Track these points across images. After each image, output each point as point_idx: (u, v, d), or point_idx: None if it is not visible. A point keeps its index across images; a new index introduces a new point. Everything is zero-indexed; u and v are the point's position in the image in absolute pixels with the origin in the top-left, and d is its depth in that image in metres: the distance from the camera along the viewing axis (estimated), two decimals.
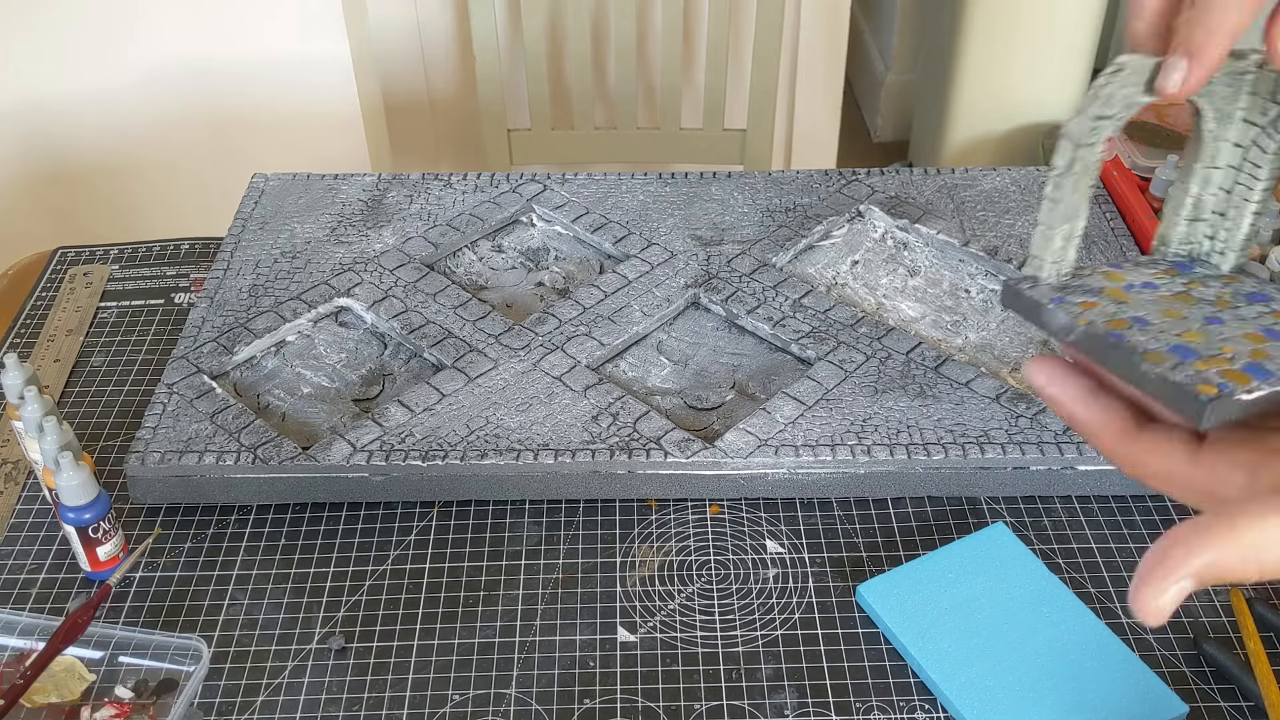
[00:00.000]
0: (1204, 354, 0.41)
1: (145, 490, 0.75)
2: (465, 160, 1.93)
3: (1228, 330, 0.43)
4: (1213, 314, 0.44)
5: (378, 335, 0.86)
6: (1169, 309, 0.44)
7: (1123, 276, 0.46)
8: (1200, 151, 0.46)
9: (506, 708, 0.65)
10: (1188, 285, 0.47)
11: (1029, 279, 0.45)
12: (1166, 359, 0.41)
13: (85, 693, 0.66)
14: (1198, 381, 0.39)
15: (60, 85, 1.53)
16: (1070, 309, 0.44)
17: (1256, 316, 0.45)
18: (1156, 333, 0.42)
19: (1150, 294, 0.45)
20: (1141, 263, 0.47)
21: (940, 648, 0.66)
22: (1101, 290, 0.45)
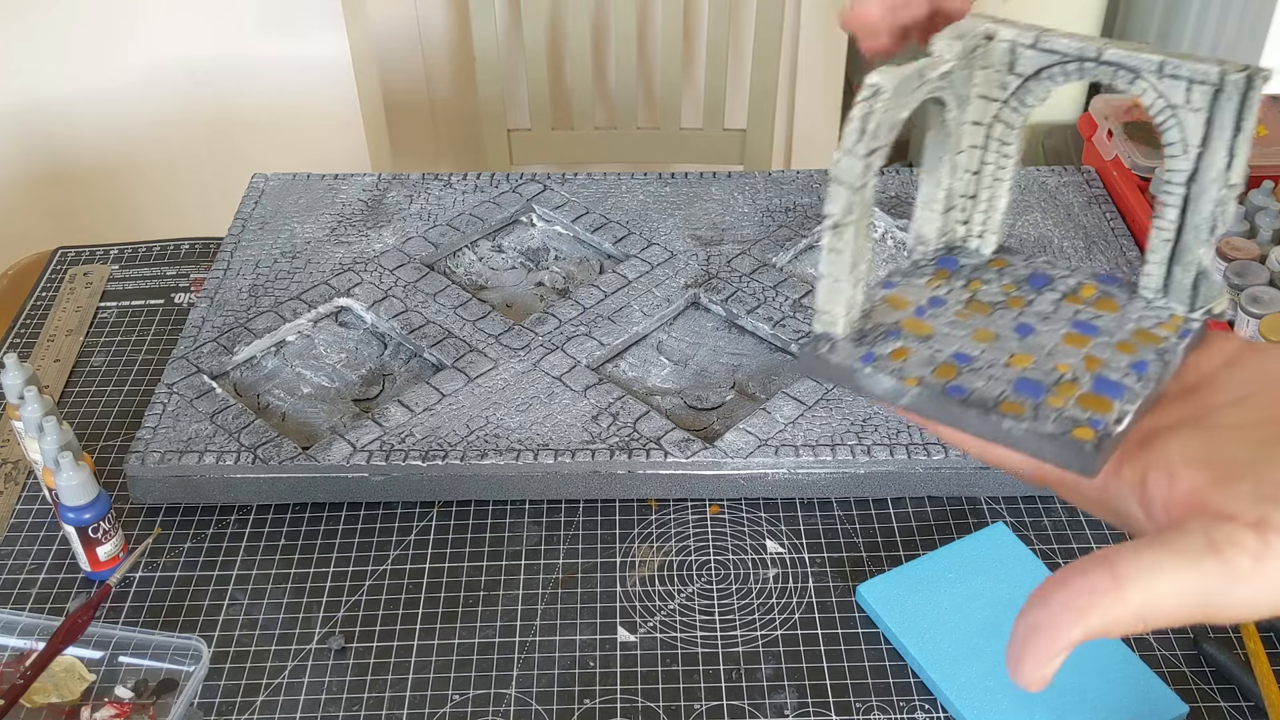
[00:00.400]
0: (1047, 383, 0.40)
1: (145, 490, 0.75)
2: (465, 160, 1.93)
3: (1045, 339, 0.42)
4: (1017, 319, 0.43)
5: (378, 335, 0.86)
6: (976, 329, 0.43)
7: (905, 300, 0.44)
8: (947, 142, 0.44)
9: (506, 708, 0.65)
10: (968, 287, 0.45)
11: (824, 339, 0.42)
12: (1023, 406, 0.39)
13: (85, 693, 0.66)
14: (1069, 427, 0.38)
15: (60, 85, 1.53)
16: (885, 366, 0.41)
17: (1055, 309, 0.43)
18: (986, 369, 0.40)
19: (943, 313, 0.43)
20: (909, 273, 0.45)
21: (940, 648, 0.66)
22: (899, 327, 0.43)
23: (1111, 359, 0.41)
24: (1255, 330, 0.80)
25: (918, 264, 0.46)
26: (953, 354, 0.41)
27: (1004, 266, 0.46)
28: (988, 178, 0.45)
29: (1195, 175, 0.41)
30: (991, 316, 0.43)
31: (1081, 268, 0.46)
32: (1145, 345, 0.41)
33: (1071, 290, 0.44)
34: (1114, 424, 0.37)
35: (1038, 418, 0.38)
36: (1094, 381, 0.40)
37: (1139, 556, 0.34)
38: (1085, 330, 0.42)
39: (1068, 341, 0.42)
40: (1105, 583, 0.34)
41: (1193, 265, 0.42)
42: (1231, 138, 0.40)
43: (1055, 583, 0.35)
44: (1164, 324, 0.42)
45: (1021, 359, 0.41)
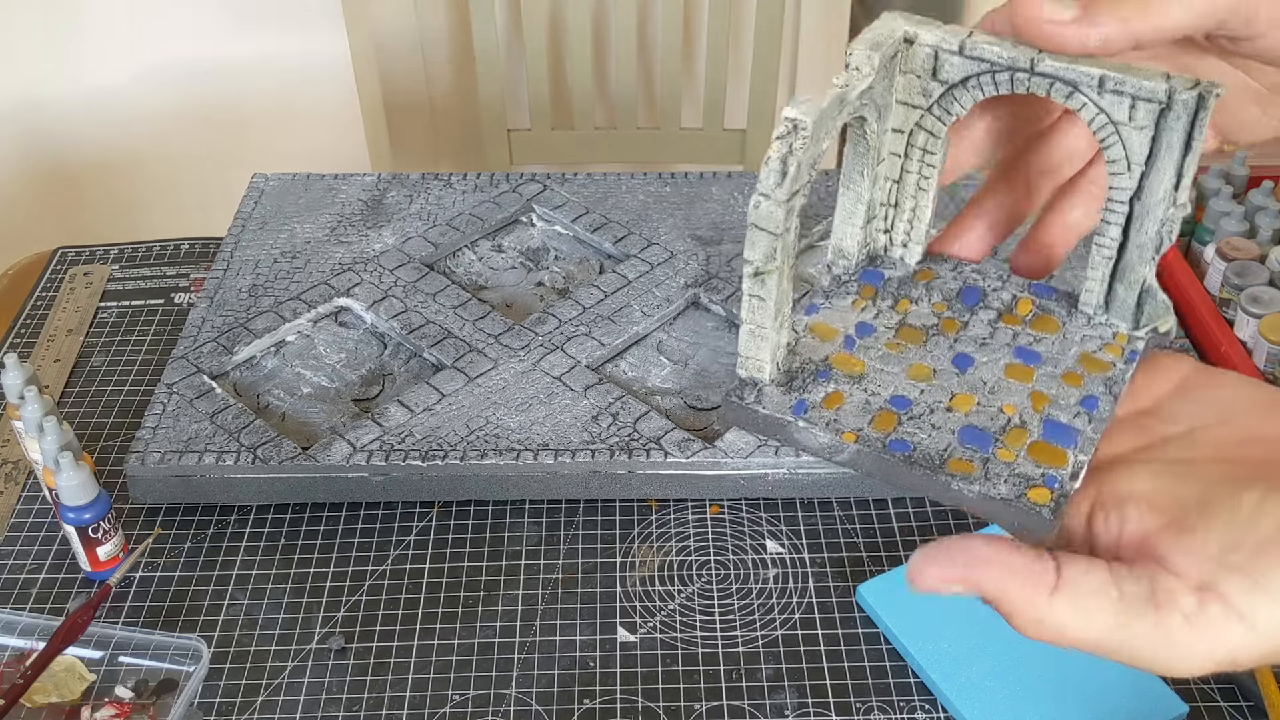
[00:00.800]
0: (994, 430, 0.37)
1: (145, 490, 0.75)
2: (465, 160, 1.93)
3: (986, 372, 0.39)
4: (953, 348, 0.40)
5: (377, 335, 0.86)
6: (911, 364, 0.40)
7: (832, 329, 0.41)
8: (867, 155, 0.41)
9: (506, 708, 0.65)
10: (897, 308, 0.42)
11: (749, 385, 0.39)
12: (971, 464, 0.36)
13: (85, 693, 0.66)
14: (1022, 489, 0.35)
15: (60, 85, 1.53)
16: (819, 417, 0.38)
17: (992, 333, 0.41)
18: (927, 415, 0.38)
19: (873, 343, 0.41)
20: (831, 292, 0.43)
21: (940, 648, 0.66)
22: (829, 365, 0.40)
23: (1059, 395, 0.39)
24: (1255, 330, 0.80)
25: (840, 280, 0.43)
26: (890, 399, 0.38)
27: (931, 279, 0.43)
28: (910, 186, 0.42)
29: (1140, 193, 0.38)
30: (926, 346, 0.41)
31: (1011, 277, 0.43)
32: (1092, 375, 0.39)
33: (1007, 307, 0.42)
34: (1069, 480, 0.36)
35: (988, 477, 0.36)
36: (1044, 426, 0.38)
37: (1086, 576, 0.34)
38: (1027, 359, 0.40)
39: (1010, 375, 0.39)
40: (1045, 581, 0.34)
41: (1136, 284, 0.40)
42: (1180, 158, 0.37)
43: (1009, 546, 0.35)
44: (1109, 345, 0.41)
45: (964, 400, 0.38)
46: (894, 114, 0.41)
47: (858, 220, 0.43)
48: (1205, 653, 0.33)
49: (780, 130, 0.35)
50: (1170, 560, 0.33)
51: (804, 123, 0.35)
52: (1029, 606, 0.34)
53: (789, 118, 0.35)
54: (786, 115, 0.35)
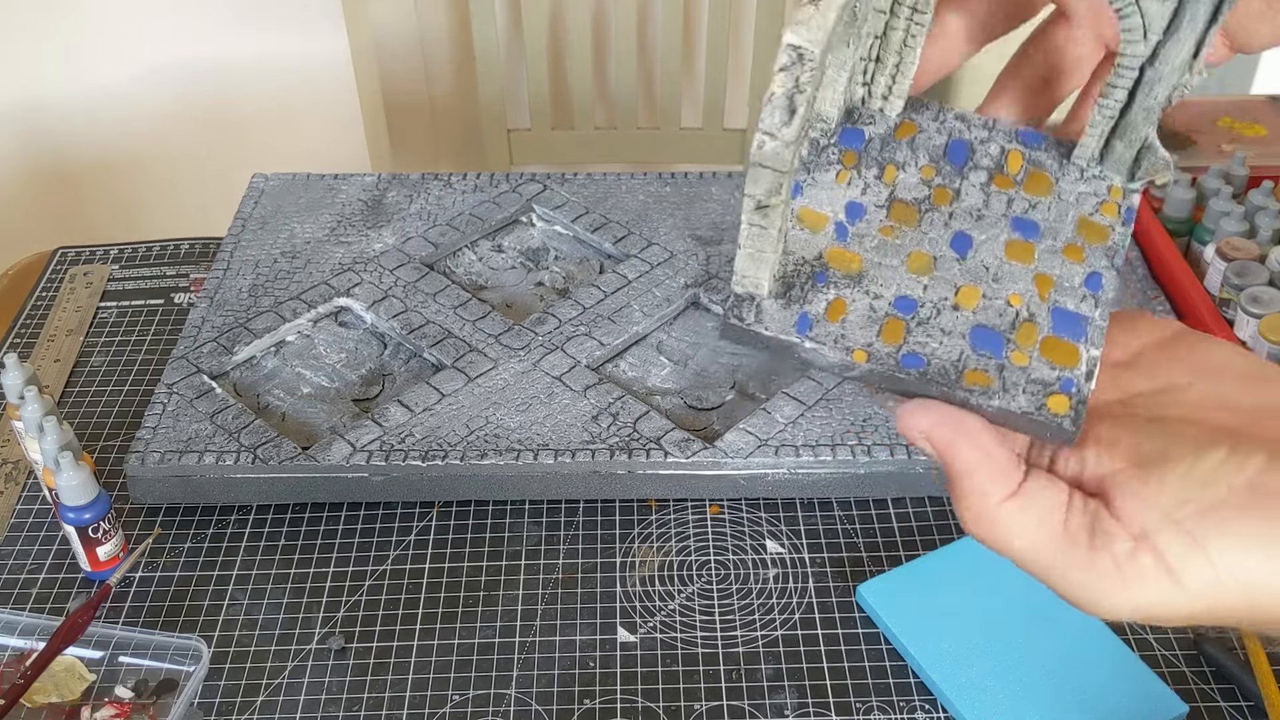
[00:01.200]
0: (1003, 327, 0.36)
1: (145, 490, 0.75)
2: (465, 160, 1.93)
3: (986, 254, 0.38)
4: (949, 226, 0.38)
5: (377, 335, 0.86)
6: (910, 253, 0.38)
7: (820, 216, 0.39)
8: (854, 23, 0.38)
9: (506, 708, 0.65)
10: (884, 178, 0.40)
11: (748, 301, 0.37)
12: (988, 373, 0.35)
13: (85, 693, 0.66)
14: (1042, 398, 0.35)
15: (60, 85, 1.53)
16: (825, 334, 0.36)
17: (986, 201, 0.39)
18: (934, 318, 0.36)
19: (867, 228, 0.38)
20: (813, 164, 0.40)
21: (940, 648, 0.66)
22: (825, 265, 0.37)
23: (1063, 275, 0.37)
24: (1255, 330, 0.80)
25: (819, 147, 0.41)
26: (895, 301, 0.37)
27: (914, 135, 0.41)
28: (895, 43, 0.40)
29: (1153, 60, 0.36)
30: (921, 227, 0.39)
31: (998, 122, 0.41)
32: (1093, 245, 0.38)
33: (997, 165, 0.40)
34: (1085, 381, 0.35)
35: (1006, 388, 0.35)
36: (1052, 317, 0.37)
37: (1043, 493, 0.34)
38: (1026, 233, 0.38)
39: (1011, 255, 0.38)
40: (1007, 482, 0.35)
41: (1137, 142, 0.38)
42: (1204, 29, 0.35)
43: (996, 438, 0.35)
44: (1105, 204, 0.39)
45: (969, 294, 0.37)
46: None
47: (839, 86, 0.40)
48: (1129, 600, 0.33)
49: (783, 60, 0.31)
50: (1116, 503, 0.34)
51: (810, 52, 0.31)
52: (982, 501, 0.34)
53: (792, 45, 0.31)
54: (789, 42, 0.31)
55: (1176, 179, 0.92)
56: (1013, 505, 0.34)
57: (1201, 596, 0.32)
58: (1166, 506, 0.33)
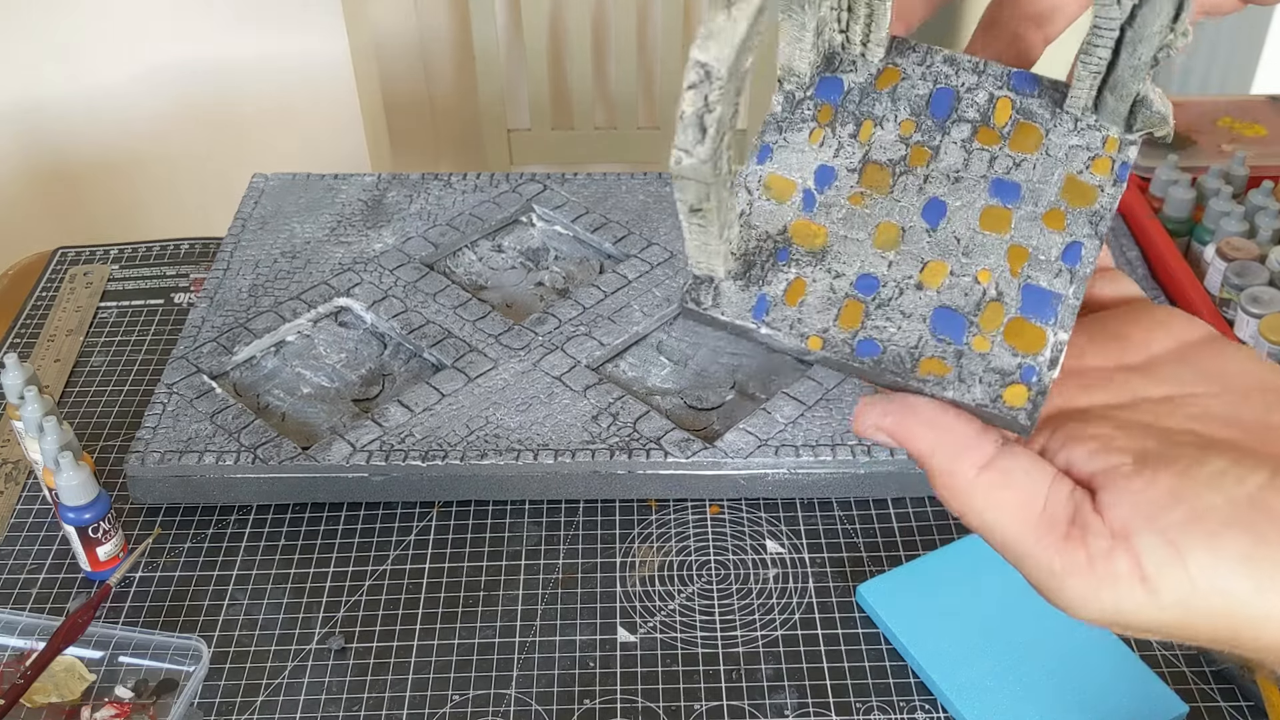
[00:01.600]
0: (967, 309, 0.34)
1: (145, 490, 0.75)
2: (465, 160, 1.93)
3: (959, 223, 0.35)
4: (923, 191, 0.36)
5: (377, 335, 0.86)
6: (878, 225, 0.36)
7: (788, 183, 0.37)
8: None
9: (506, 708, 0.65)
10: (859, 137, 0.37)
11: (706, 284, 0.35)
12: (944, 361, 0.34)
13: (85, 693, 0.66)
14: (998, 389, 0.33)
15: (60, 86, 1.53)
16: (782, 318, 0.34)
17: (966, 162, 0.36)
18: (896, 298, 0.34)
19: (836, 196, 0.36)
20: (785, 123, 0.38)
21: (940, 648, 0.66)
22: (788, 240, 0.36)
23: (1040, 245, 0.35)
24: (1255, 330, 0.80)
25: (793, 101, 0.38)
26: (856, 280, 0.35)
27: (897, 83, 0.38)
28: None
29: (1131, 22, 0.34)
30: (893, 194, 0.36)
31: (989, 65, 0.38)
32: (1076, 209, 0.35)
33: (983, 115, 0.37)
34: (1047, 369, 0.34)
35: (962, 378, 0.34)
36: (1022, 295, 0.34)
37: (1018, 472, 0.33)
38: (1005, 197, 0.36)
39: (986, 225, 0.35)
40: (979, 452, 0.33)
41: (1128, 96, 0.36)
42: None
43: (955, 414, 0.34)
44: (1098, 158, 0.36)
45: (936, 270, 0.35)
46: None
47: (806, 42, 0.37)
48: (1096, 602, 0.31)
49: (691, 78, 0.29)
50: (1102, 498, 0.32)
51: (717, 70, 0.29)
52: (952, 476, 0.33)
53: (699, 62, 0.29)
54: (695, 59, 0.29)
55: (1176, 179, 0.92)
56: (988, 478, 0.33)
57: (1174, 608, 0.31)
58: (1153, 507, 0.31)
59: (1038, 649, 0.66)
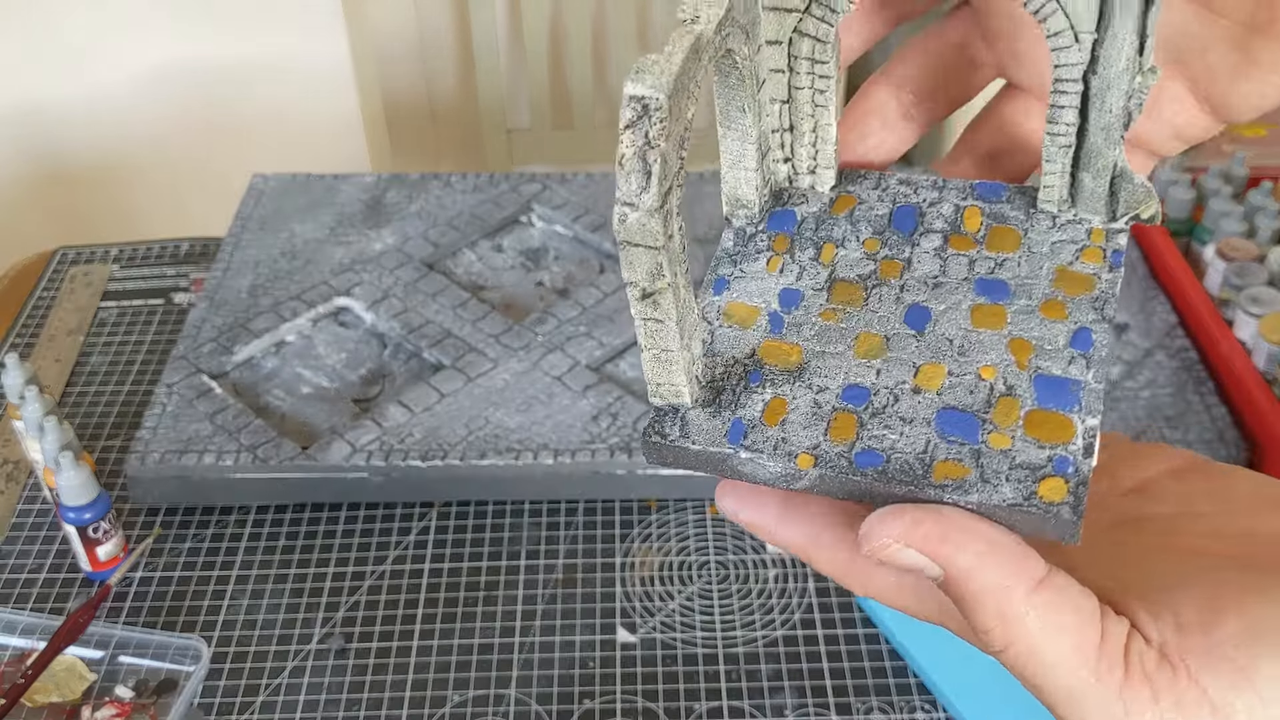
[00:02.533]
0: (977, 406, 0.30)
1: (145, 490, 0.75)
2: (465, 160, 1.93)
3: (948, 326, 0.32)
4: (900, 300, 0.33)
5: (377, 335, 0.86)
6: (857, 336, 0.32)
7: (750, 308, 0.34)
8: (743, 85, 0.33)
9: (506, 708, 0.65)
10: (821, 258, 0.34)
11: (670, 415, 0.32)
12: (962, 464, 0.29)
13: (86, 692, 0.66)
14: (1031, 487, 0.29)
15: (60, 87, 1.53)
16: (763, 440, 0.31)
17: (943, 267, 0.34)
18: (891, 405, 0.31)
19: (805, 315, 0.33)
20: (738, 255, 0.35)
21: (940, 648, 0.66)
22: (759, 362, 0.32)
23: (1043, 337, 0.32)
24: (1255, 330, 0.80)
25: (744, 235, 0.36)
26: (842, 392, 0.31)
27: (854, 207, 0.36)
28: (805, 104, 0.35)
29: (1095, 66, 0.31)
30: (869, 304, 0.33)
31: (948, 181, 0.36)
32: (1076, 298, 0.32)
33: (951, 225, 0.35)
34: (1083, 458, 0.29)
35: (985, 478, 0.29)
36: (1035, 386, 0.31)
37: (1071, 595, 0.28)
38: (994, 295, 0.33)
39: (979, 322, 0.32)
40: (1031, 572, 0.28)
41: (1106, 170, 0.33)
42: (1142, 14, 0.30)
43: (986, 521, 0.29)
44: (1086, 250, 0.33)
45: (932, 373, 0.31)
46: (765, 25, 0.33)
47: (749, 162, 0.35)
48: None
49: (628, 116, 0.27)
50: (1139, 620, 0.28)
51: (656, 100, 0.26)
52: (1004, 597, 0.28)
53: (634, 96, 0.26)
54: (630, 94, 0.26)
55: (1176, 179, 0.92)
56: (1044, 598, 0.28)
57: None
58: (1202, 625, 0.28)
59: None
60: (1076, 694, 0.28)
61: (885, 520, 0.29)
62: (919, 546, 0.28)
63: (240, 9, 1.52)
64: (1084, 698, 0.28)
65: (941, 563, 0.28)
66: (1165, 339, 0.82)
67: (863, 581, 0.33)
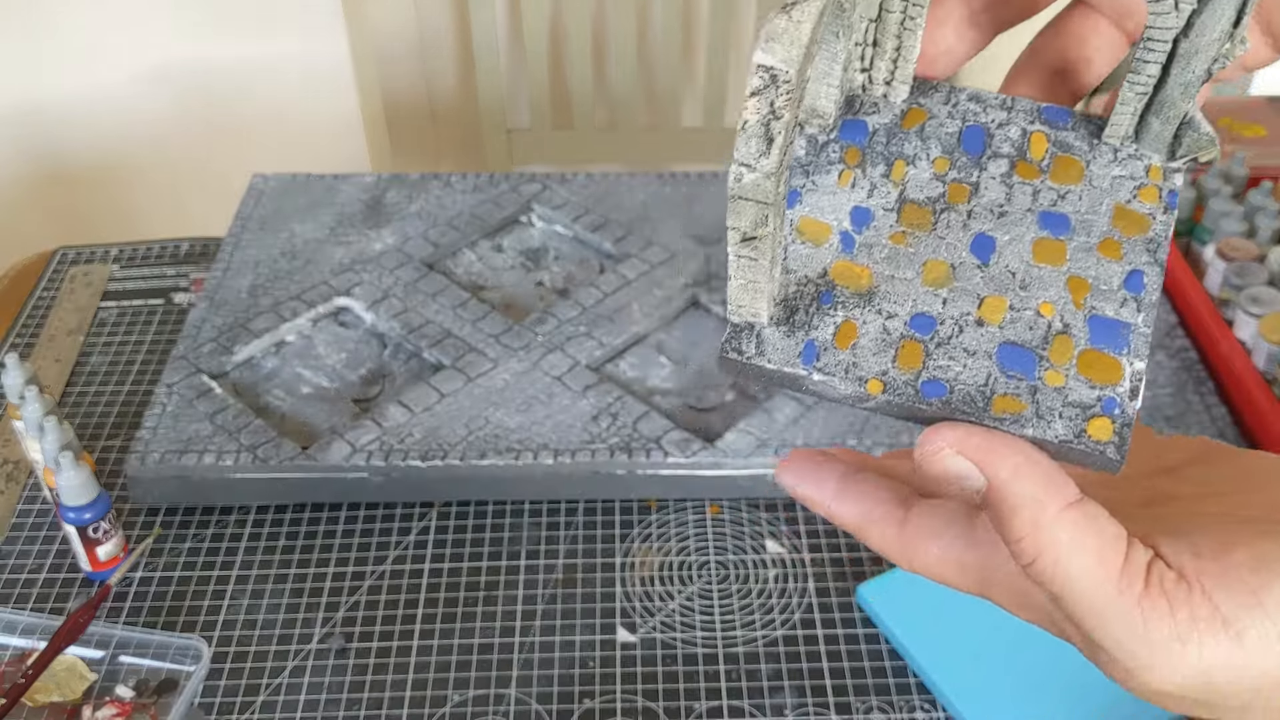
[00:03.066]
0: (1035, 343, 0.33)
1: (145, 490, 0.75)
2: (465, 161, 1.93)
3: (1011, 257, 0.34)
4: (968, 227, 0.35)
5: (377, 335, 0.86)
6: (925, 263, 0.34)
7: (823, 225, 0.35)
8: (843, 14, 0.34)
9: (506, 708, 0.65)
10: (892, 176, 0.36)
11: (747, 332, 0.33)
12: (1019, 399, 0.32)
13: (86, 692, 0.66)
14: (1081, 424, 0.31)
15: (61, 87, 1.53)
16: (835, 362, 0.33)
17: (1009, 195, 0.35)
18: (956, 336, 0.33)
19: (876, 237, 0.35)
20: (811, 166, 0.36)
21: (940, 648, 0.66)
22: (830, 282, 0.34)
23: (1099, 276, 0.33)
24: (1255, 330, 0.80)
25: (817, 144, 0.37)
26: (910, 320, 0.33)
27: (924, 122, 0.37)
28: (893, 25, 0.36)
29: (1187, 32, 0.32)
30: (936, 230, 0.35)
31: (1017, 101, 0.37)
32: (1131, 239, 0.34)
33: (1019, 150, 0.36)
34: (1129, 399, 0.32)
35: (1040, 414, 0.32)
36: (1089, 327, 0.33)
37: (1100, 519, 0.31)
38: (1055, 229, 0.34)
39: (1040, 257, 0.34)
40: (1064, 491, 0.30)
41: (1175, 119, 0.34)
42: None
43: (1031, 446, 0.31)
44: (1143, 188, 0.35)
45: (994, 306, 0.33)
46: None
47: (833, 79, 0.36)
48: (1182, 660, 0.29)
49: (755, 83, 0.28)
50: (1162, 550, 0.31)
51: (785, 74, 0.28)
52: (1037, 509, 0.30)
53: (763, 66, 0.27)
54: (759, 63, 0.27)
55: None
56: (1074, 515, 0.30)
57: (1259, 655, 0.29)
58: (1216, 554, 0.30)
59: (1038, 649, 0.66)
60: (1098, 605, 0.30)
61: (941, 430, 0.31)
62: (969, 455, 0.31)
63: (240, 9, 1.52)
64: (1105, 609, 0.30)
65: (986, 472, 0.30)
66: (1165, 339, 0.82)
67: (909, 556, 0.35)
